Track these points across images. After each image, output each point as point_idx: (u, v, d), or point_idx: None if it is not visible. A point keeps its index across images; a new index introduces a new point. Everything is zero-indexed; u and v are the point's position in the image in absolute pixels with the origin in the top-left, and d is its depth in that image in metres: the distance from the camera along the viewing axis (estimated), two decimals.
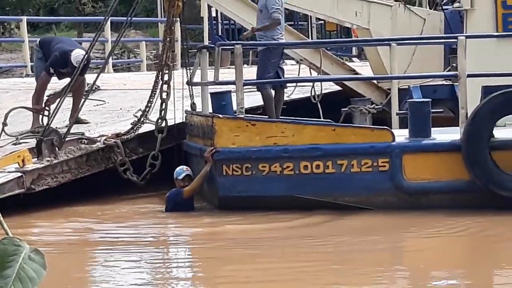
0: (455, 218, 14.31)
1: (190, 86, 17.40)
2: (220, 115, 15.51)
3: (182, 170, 15.80)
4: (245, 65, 19.37)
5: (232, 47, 16.91)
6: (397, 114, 17.41)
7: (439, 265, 12.32)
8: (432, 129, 15.41)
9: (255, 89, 17.89)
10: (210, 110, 16.52)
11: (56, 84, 18.90)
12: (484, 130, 14.68)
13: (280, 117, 16.92)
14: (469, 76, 15.45)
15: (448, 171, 14.96)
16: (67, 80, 17.82)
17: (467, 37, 15.92)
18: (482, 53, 16.31)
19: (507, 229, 14.03)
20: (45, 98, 18.38)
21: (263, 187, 15.09)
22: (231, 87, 16.73)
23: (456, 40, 16.32)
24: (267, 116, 16.92)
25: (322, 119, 17.72)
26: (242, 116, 15.52)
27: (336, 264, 12.46)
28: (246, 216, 14.86)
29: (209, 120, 15.52)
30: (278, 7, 17.27)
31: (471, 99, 15.44)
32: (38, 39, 20.39)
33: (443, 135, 15.64)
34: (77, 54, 17.77)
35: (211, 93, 16.71)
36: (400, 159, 14.94)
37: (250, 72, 18.97)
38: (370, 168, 14.97)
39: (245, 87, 16.17)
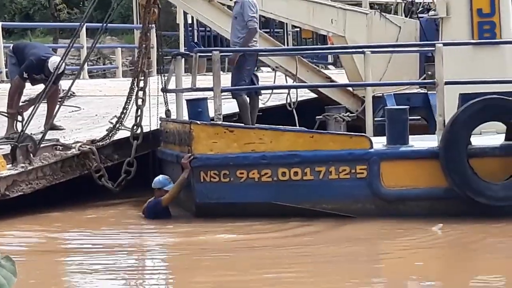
0: (434, 224, 14.16)
1: (165, 93, 17.29)
2: (198, 122, 15.31)
3: (166, 181, 15.54)
4: (221, 72, 19.24)
5: (210, 54, 16.45)
6: (375, 121, 17.25)
7: (418, 274, 12.22)
8: (410, 136, 15.34)
9: (230, 96, 17.72)
10: (186, 117, 16.46)
11: (30, 90, 18.81)
12: (462, 137, 14.66)
13: (256, 124, 16.77)
14: (447, 83, 15.43)
15: (426, 178, 14.92)
16: (41, 87, 17.75)
17: (444, 44, 15.89)
18: (459, 61, 16.27)
19: (486, 236, 13.95)
20: (20, 104, 18.23)
21: (241, 194, 14.94)
22: (207, 94, 16.65)
23: (432, 48, 16.33)
24: (242, 123, 16.72)
25: (297, 127, 17.43)
26: (220, 122, 15.38)
27: (312, 273, 12.20)
28: (223, 224, 14.64)
29: (186, 127, 15.33)
30: (254, 15, 17.28)
31: (447, 106, 15.39)
32: (11, 45, 20.28)
33: (420, 142, 15.56)
34: (54, 61, 17.73)
35: (187, 100, 16.60)
36: (378, 166, 14.88)
37: (226, 79, 18.83)
38: (348, 175, 14.87)
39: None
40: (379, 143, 15.32)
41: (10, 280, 2.25)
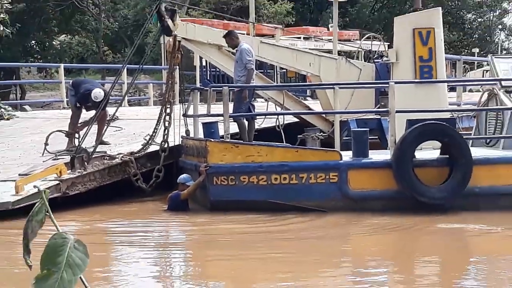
0: (387, 218, 14.15)
1: (185, 118, 17.08)
2: (212, 140, 15.37)
3: (189, 178, 15.45)
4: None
5: (220, 88, 16.64)
6: (341, 140, 17.03)
7: (379, 255, 12.19)
8: (369, 151, 15.40)
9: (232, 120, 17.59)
10: (201, 136, 16.43)
11: (85, 114, 18.64)
12: (409, 152, 14.64)
13: (253, 141, 16.74)
14: (397, 111, 15.41)
15: (382, 183, 14.89)
16: (93, 112, 17.70)
17: (396, 82, 15.83)
18: (405, 95, 16.02)
19: (428, 225, 13.86)
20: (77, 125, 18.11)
21: (244, 194, 14.91)
22: (216, 118, 16.69)
23: (386, 85, 16.57)
24: (242, 141, 16.69)
25: (285, 143, 17.21)
26: (228, 140, 15.40)
27: (297, 255, 11.92)
28: (229, 217, 14.47)
29: (203, 143, 15.34)
30: (250, 59, 17.20)
31: (397, 129, 15.43)
32: (71, 81, 20.13)
33: (377, 155, 15.58)
34: (95, 93, 17.61)
35: (203, 123, 16.65)
36: (346, 173, 14.86)
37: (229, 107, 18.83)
38: (324, 180, 14.86)
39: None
40: (347, 156, 15.27)
41: (84, 260, 2.05)
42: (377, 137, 18.19)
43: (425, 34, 17.04)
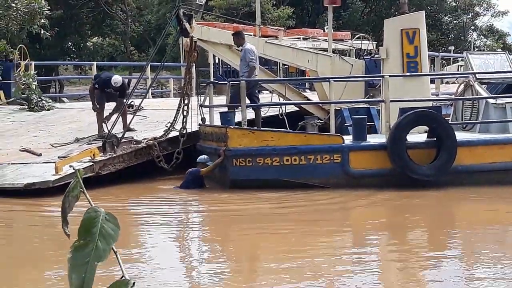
0: (384, 192, 14.23)
1: (200, 108, 16.93)
2: (231, 126, 15.35)
3: (208, 159, 15.51)
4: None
5: (238, 82, 16.54)
6: (345, 125, 17.22)
7: (375, 221, 12.34)
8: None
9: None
10: (215, 123, 16.46)
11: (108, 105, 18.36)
12: (403, 136, 14.68)
13: (262, 127, 16.43)
14: (391, 101, 15.38)
15: (378, 162, 14.83)
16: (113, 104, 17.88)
17: (390, 76, 15.76)
18: (395, 87, 15.83)
19: (417, 198, 13.92)
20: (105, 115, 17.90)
21: (259, 173, 14.75)
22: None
23: (378, 78, 17.26)
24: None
25: (288, 129, 17.08)
26: (246, 127, 15.30)
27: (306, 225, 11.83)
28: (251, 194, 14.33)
29: (223, 130, 15.27)
30: (253, 58, 17.25)
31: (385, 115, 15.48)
32: (94, 74, 20.04)
33: (373, 139, 15.55)
34: (115, 79, 17.56)
35: (220, 112, 16.56)
36: (347, 155, 14.83)
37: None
38: (329, 160, 14.81)
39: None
40: (348, 139, 15.20)
41: (116, 231, 2.00)
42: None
43: (412, 34, 17.03)
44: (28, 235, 11.59)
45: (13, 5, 25.06)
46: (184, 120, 16.91)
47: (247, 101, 16.38)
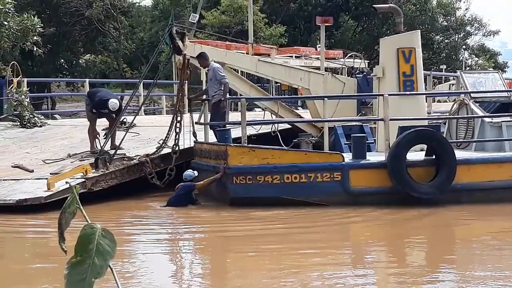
0: (384, 210, 14.20)
1: (192, 124, 16.85)
2: (232, 144, 15.31)
3: (192, 174, 15.46)
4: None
5: (238, 100, 16.49)
6: (345, 144, 17.15)
7: (374, 239, 12.42)
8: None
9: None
10: (210, 140, 16.43)
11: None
12: (403, 154, 14.60)
13: (254, 145, 16.27)
14: (391, 119, 15.31)
15: (378, 181, 14.72)
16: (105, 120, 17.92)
17: (389, 94, 15.65)
18: (391, 105, 15.56)
19: (415, 216, 14.01)
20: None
21: (260, 191, 14.65)
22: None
23: (369, 96, 17.50)
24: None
25: (283, 147, 17.01)
26: (246, 145, 15.19)
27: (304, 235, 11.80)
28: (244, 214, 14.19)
29: (222, 148, 15.18)
30: (223, 74, 17.18)
31: (381, 134, 15.60)
32: (87, 92, 19.99)
33: (373, 157, 15.45)
34: (112, 103, 17.24)
35: (217, 129, 16.42)
36: (347, 173, 14.73)
37: (236, 116, 18.91)
38: (329, 178, 14.69)
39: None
40: (348, 157, 15.13)
41: (112, 247, 1.99)
42: None
43: (408, 53, 16.95)
44: (20, 252, 11.52)
45: (6, 22, 25.05)
46: (177, 137, 16.82)
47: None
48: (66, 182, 14.05)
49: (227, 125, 16.78)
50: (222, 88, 17.07)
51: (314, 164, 14.74)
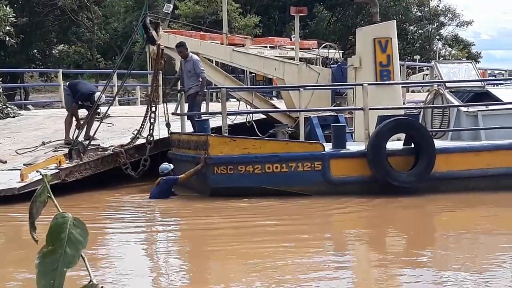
0: (363, 200, 14.22)
1: (166, 112, 16.75)
2: (212, 134, 15.33)
3: (169, 167, 15.39)
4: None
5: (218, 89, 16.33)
6: (324, 134, 17.21)
7: (352, 223, 12.68)
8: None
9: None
10: (187, 131, 16.56)
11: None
12: (383, 143, 14.68)
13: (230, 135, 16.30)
14: (370, 109, 15.31)
15: (358, 170, 14.80)
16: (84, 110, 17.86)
17: (368, 84, 15.69)
18: (368, 95, 15.54)
19: (397, 205, 14.06)
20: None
21: (241, 181, 14.62)
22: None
23: (350, 87, 17.90)
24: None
25: (261, 137, 17.02)
26: (226, 135, 15.14)
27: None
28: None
29: (202, 138, 15.08)
30: (203, 69, 17.27)
31: (361, 123, 15.59)
32: (68, 83, 19.92)
33: (352, 146, 15.52)
34: (97, 96, 17.33)
35: (197, 120, 16.45)
36: (328, 162, 14.76)
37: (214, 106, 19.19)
38: (310, 168, 14.73)
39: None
40: (328, 147, 15.12)
41: (84, 237, 1.94)
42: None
43: (384, 43, 17.02)
44: None
45: None
46: (151, 128, 16.81)
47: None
48: (37, 172, 13.96)
49: (205, 115, 16.74)
50: (200, 81, 17.04)
51: (295, 154, 14.74)
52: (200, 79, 17.25)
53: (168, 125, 16.85)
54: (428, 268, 9.01)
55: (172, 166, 15.42)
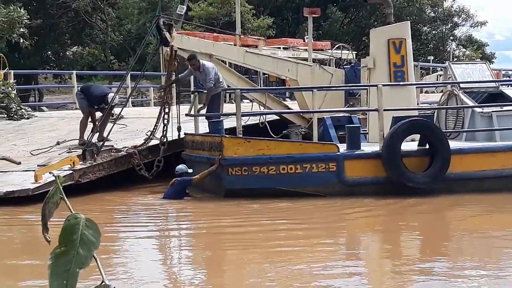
0: (377, 201, 14.14)
1: (178, 115, 16.86)
2: (227, 136, 15.28)
3: (185, 168, 15.44)
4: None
5: (232, 91, 16.28)
6: (338, 135, 17.10)
7: (369, 229, 12.35)
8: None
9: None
10: (199, 132, 16.59)
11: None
12: (398, 144, 14.63)
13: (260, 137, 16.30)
14: (385, 110, 15.27)
15: (373, 171, 14.78)
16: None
17: (383, 85, 15.67)
18: (382, 96, 15.53)
19: (411, 206, 14.00)
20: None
21: (255, 182, 14.61)
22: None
23: (364, 88, 17.78)
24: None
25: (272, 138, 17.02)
26: (241, 136, 15.12)
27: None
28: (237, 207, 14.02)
29: (217, 139, 15.08)
30: (211, 77, 16.71)
31: (372, 124, 15.75)
32: (79, 87, 19.98)
33: (367, 147, 15.47)
34: (111, 96, 17.41)
35: (211, 121, 16.44)
36: (343, 163, 14.74)
37: (227, 107, 19.30)
38: (324, 169, 14.71)
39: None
40: (342, 148, 15.10)
41: (97, 237, 1.95)
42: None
43: (398, 43, 17.02)
44: (7, 243, 11.47)
45: None
46: (165, 129, 16.84)
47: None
48: (50, 173, 14.00)
49: (220, 117, 16.73)
50: (221, 80, 17.04)
51: (310, 155, 14.71)
52: (219, 79, 17.03)
53: (179, 128, 16.89)
54: (444, 276, 8.92)
55: (190, 169, 15.38)
